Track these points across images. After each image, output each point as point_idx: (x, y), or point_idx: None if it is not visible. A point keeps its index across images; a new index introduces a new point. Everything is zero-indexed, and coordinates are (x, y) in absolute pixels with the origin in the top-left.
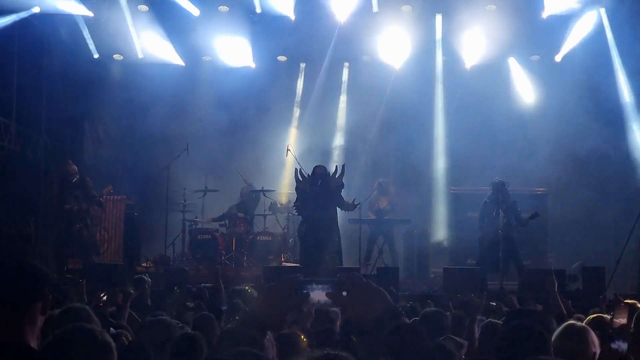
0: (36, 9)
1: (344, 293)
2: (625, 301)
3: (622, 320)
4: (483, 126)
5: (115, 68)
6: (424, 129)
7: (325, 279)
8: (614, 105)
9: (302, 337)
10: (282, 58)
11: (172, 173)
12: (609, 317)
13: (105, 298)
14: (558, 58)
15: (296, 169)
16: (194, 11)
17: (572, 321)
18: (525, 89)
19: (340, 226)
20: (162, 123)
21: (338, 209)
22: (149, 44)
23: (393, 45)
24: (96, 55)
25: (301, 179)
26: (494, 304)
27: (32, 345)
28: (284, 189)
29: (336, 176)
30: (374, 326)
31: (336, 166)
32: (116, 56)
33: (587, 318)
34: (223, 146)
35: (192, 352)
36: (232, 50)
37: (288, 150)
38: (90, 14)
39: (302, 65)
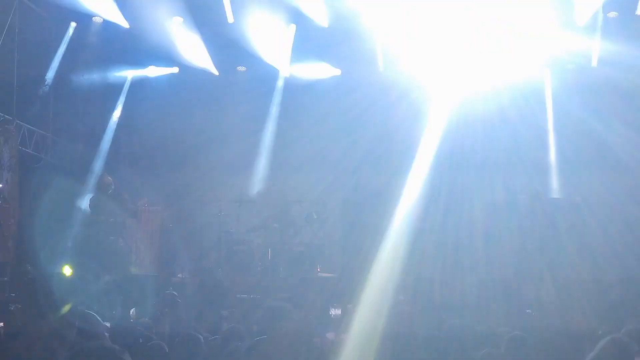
0: (73, 24)
1: None
2: None
3: None
4: (516, 134)
5: (150, 78)
6: (459, 138)
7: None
8: None
9: None
10: (314, 66)
11: (207, 184)
12: None
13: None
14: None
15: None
16: (229, 18)
17: None
18: (557, 98)
19: None
20: (197, 133)
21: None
22: (185, 54)
23: None
24: (131, 72)
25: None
26: (529, 311)
27: None
28: (319, 199)
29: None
30: None
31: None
32: (150, 68)
33: None
34: (257, 157)
35: None
36: (266, 59)
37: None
38: (125, 24)
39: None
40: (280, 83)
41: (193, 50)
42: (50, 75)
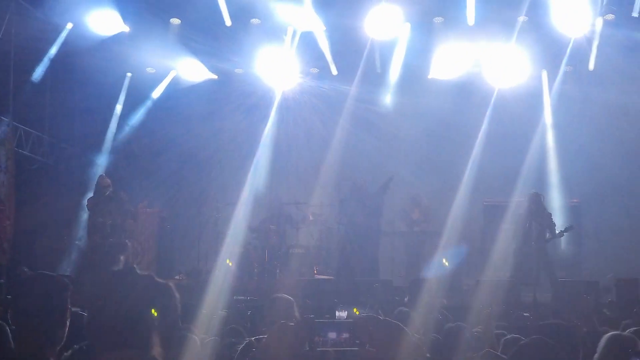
0: (69, 25)
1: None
2: None
3: None
4: (514, 136)
5: (148, 82)
6: (456, 140)
7: (342, 321)
8: None
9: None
10: (313, 70)
11: (204, 186)
12: None
13: None
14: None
15: (341, 200)
16: (227, 22)
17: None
18: (554, 101)
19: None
20: (196, 135)
21: (381, 223)
22: (182, 57)
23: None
24: (129, 74)
25: (344, 198)
26: (527, 314)
27: None
28: (316, 201)
29: (378, 188)
30: None
31: (384, 181)
32: (149, 69)
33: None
34: (254, 159)
35: None
36: (263, 63)
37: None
38: (126, 29)
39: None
40: (278, 87)
41: (191, 53)
42: (37, 75)
